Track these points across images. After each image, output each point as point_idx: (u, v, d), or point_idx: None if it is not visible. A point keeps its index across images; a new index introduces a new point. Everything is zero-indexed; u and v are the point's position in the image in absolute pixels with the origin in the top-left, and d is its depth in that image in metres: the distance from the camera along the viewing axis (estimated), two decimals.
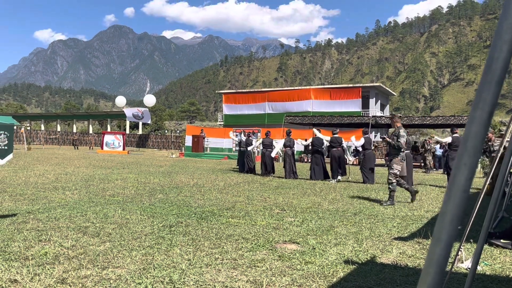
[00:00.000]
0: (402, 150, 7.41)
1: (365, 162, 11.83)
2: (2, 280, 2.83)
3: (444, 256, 0.68)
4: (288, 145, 12.86)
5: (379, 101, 45.69)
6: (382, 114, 43.26)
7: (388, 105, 51.78)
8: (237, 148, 16.81)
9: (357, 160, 23.75)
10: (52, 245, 3.79)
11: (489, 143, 12.00)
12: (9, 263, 3.21)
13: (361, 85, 43.02)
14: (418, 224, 5.58)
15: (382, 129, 39.43)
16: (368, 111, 41.02)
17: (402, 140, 7.32)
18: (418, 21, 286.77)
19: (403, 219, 5.95)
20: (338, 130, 12.45)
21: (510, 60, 0.64)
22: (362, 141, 11.92)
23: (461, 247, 3.56)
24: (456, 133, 10.39)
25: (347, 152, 14.44)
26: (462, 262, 3.64)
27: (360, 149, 12.50)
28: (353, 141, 12.50)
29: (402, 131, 7.42)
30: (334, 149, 12.19)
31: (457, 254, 3.11)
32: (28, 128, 44.52)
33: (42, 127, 58.86)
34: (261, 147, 13.77)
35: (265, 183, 10.63)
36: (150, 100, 36.85)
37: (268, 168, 13.23)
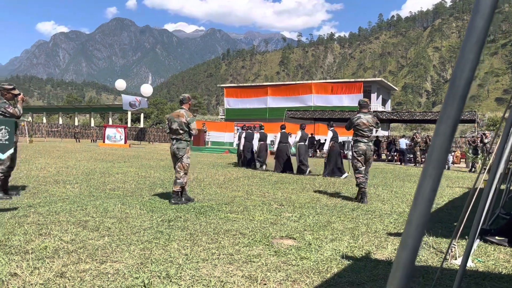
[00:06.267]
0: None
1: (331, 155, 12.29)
2: (2, 273, 2.89)
3: (410, 260, 0.72)
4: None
5: (381, 96, 45.62)
6: (383, 109, 43.20)
7: (389, 100, 51.68)
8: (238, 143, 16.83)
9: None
10: (52, 239, 3.84)
11: (485, 140, 12.00)
12: (10, 256, 3.27)
13: (362, 79, 42.90)
14: None
15: (384, 124, 39.40)
16: (370, 105, 40.96)
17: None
18: (421, 15, 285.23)
19: (400, 215, 6.00)
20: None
21: (473, 77, 0.67)
22: (330, 134, 12.31)
23: (455, 243, 3.61)
24: None
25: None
26: (456, 259, 3.69)
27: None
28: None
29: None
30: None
31: (448, 250, 3.16)
32: (30, 121, 44.65)
33: (44, 120, 58.97)
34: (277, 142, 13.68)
35: (265, 178, 10.68)
36: (146, 89, 36.45)
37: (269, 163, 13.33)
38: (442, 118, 0.68)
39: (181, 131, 6.28)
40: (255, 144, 14.46)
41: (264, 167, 13.94)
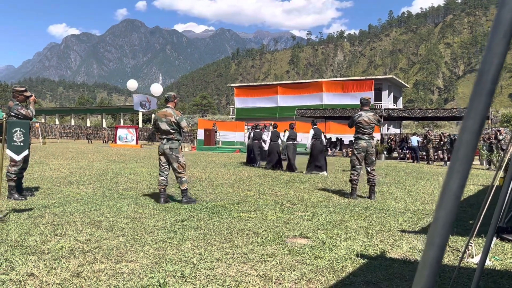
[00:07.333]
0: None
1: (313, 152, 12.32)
2: (20, 273, 2.93)
3: (437, 259, 0.70)
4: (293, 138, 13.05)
5: (392, 93, 45.25)
6: (395, 107, 42.86)
7: (401, 98, 51.27)
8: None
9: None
10: (67, 239, 3.88)
11: (499, 136, 11.81)
12: (26, 257, 3.31)
13: (373, 77, 42.58)
14: (430, 218, 5.57)
15: (395, 121, 39.13)
16: (381, 103, 40.67)
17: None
18: (433, 11, 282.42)
19: (414, 213, 5.94)
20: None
21: (500, 72, 0.66)
22: (311, 132, 12.30)
23: (472, 242, 3.56)
24: None
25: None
26: (473, 257, 3.64)
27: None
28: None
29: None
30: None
31: (465, 249, 3.12)
32: (43, 122, 45.18)
33: (57, 122, 59.70)
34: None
35: (277, 177, 10.67)
36: (156, 89, 36.48)
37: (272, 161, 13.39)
38: (470, 113, 0.66)
39: (172, 131, 6.17)
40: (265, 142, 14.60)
41: (257, 164, 14.22)
